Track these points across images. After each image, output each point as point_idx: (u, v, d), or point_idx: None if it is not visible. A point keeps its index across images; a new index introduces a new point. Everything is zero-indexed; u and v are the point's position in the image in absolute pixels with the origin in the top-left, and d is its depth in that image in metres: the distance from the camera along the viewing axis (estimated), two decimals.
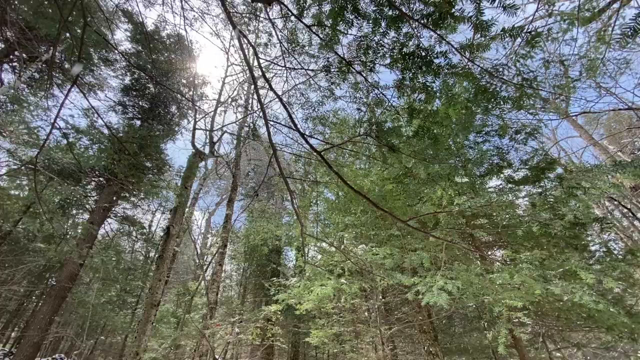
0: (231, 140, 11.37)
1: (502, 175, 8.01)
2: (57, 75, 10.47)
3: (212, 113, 6.81)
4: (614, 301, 6.49)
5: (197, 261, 7.50)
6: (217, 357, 5.49)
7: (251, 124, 7.43)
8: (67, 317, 17.54)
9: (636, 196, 11.63)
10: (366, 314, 7.73)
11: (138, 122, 13.73)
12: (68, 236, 14.58)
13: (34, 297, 15.39)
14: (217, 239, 9.83)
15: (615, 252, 7.96)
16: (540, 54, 3.62)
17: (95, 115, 12.83)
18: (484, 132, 6.92)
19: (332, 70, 3.08)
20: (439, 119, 2.94)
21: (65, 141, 11.63)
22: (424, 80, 2.73)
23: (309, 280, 5.35)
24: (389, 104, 3.04)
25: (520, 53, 2.60)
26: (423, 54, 2.62)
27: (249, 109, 8.73)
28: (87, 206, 13.31)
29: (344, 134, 5.00)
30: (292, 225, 7.95)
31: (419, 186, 3.81)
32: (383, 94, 3.01)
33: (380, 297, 8.12)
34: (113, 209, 13.49)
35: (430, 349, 7.26)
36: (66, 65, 10.56)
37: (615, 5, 4.55)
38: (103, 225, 13.16)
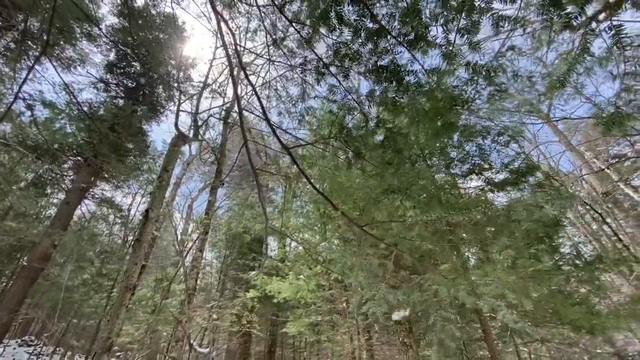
0: (217, 125, 11.15)
1: (482, 177, 8.21)
2: (33, 46, 9.92)
3: (197, 96, 6.62)
4: (579, 300, 6.82)
5: (177, 247, 7.41)
6: (192, 342, 5.47)
7: (224, 110, 7.25)
8: (38, 299, 17.03)
9: (607, 202, 12.22)
10: (344, 304, 7.86)
11: (121, 102, 13.23)
12: (41, 215, 14.04)
13: (3, 277, 14.85)
14: (199, 226, 9.71)
15: (585, 254, 8.34)
16: (513, 66, 3.73)
17: (75, 91, 12.28)
18: (467, 133, 7.06)
19: (310, 68, 3.11)
20: (403, 132, 3.05)
21: (44, 116, 11.11)
22: (393, 95, 2.85)
23: (288, 269, 5.40)
24: (360, 110, 3.12)
25: (493, 65, 2.70)
26: (396, 69, 2.73)
27: (227, 96, 8.56)
28: (63, 186, 12.83)
29: (316, 134, 5.01)
30: (275, 216, 7.95)
31: (378, 194, 3.90)
32: (355, 101, 3.08)
33: (359, 289, 8.27)
34: (91, 190, 13.06)
35: (405, 340, 7.48)
36: (45, 37, 10.02)
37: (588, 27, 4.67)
38: (80, 207, 12.74)
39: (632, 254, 8.68)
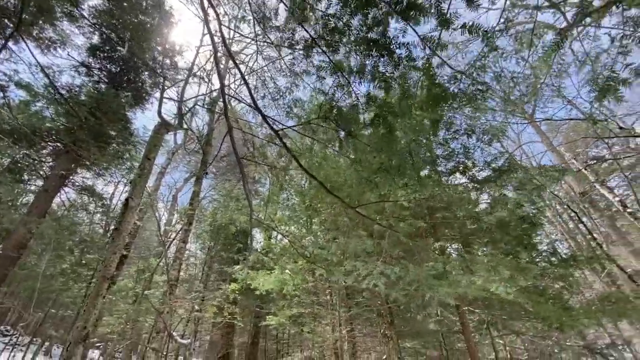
0: (203, 115, 10.93)
1: (466, 174, 8.37)
2: (10, 24, 9.43)
3: (182, 82, 6.45)
4: (552, 296, 7.09)
5: (160, 238, 7.28)
6: (173, 333, 5.43)
7: (210, 98, 7.07)
8: (14, 288, 16.50)
9: (583, 201, 12.68)
10: (328, 297, 7.94)
11: (104, 87, 12.76)
12: (18, 203, 13.54)
13: None
14: (183, 216, 9.57)
15: (560, 252, 8.64)
16: (498, 65, 3.78)
17: (56, 74, 11.76)
18: (453, 130, 7.16)
19: (298, 46, 3.03)
20: (394, 110, 3.01)
21: (19, 98, 10.63)
22: (384, 70, 2.78)
23: (273, 262, 5.40)
24: (350, 87, 3.04)
25: (476, 65, 2.71)
26: (387, 42, 2.65)
27: (214, 84, 8.37)
28: (41, 172, 12.38)
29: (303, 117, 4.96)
30: (261, 208, 7.90)
31: (370, 174, 3.92)
32: (345, 77, 3.01)
33: (343, 282, 8.37)
34: (71, 177, 12.64)
35: (386, 332, 7.63)
36: (24, 16, 9.54)
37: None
38: (59, 194, 12.33)
39: (604, 252, 9.06)
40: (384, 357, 7.42)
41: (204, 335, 16.97)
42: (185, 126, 7.77)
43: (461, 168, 8.24)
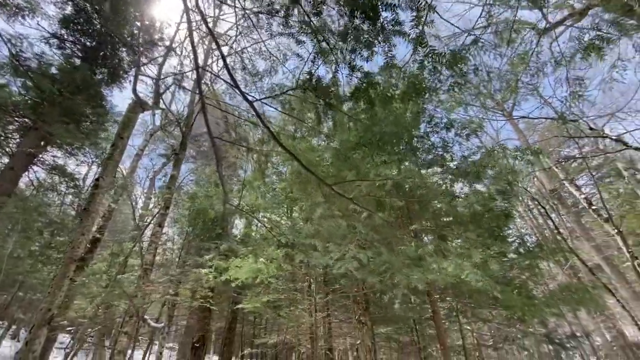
0: (184, 97, 10.57)
1: (444, 167, 8.58)
2: None
3: (160, 59, 6.17)
4: (518, 285, 7.46)
5: (135, 221, 7.07)
6: (145, 317, 5.36)
7: (181, 71, 6.78)
8: None
9: (553, 197, 13.31)
10: (305, 284, 8.04)
11: (78, 62, 12.04)
12: None
13: None
14: (159, 200, 9.35)
15: (528, 244, 9.06)
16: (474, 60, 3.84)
17: (24, 45, 10.99)
18: (433, 124, 7.29)
19: (279, 14, 2.89)
20: (376, 82, 2.97)
21: None
22: (367, 36, 2.71)
23: (248, 251, 5.38)
24: (331, 50, 2.95)
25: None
26: (372, 2, 2.55)
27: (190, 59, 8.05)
28: (7, 149, 11.69)
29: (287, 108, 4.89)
30: (240, 194, 7.79)
31: (348, 150, 3.93)
32: (326, 42, 2.92)
33: (320, 269, 8.48)
34: (40, 156, 12.01)
35: (361, 318, 7.83)
36: None
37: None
38: (27, 173, 11.71)
39: (568, 246, 9.59)
40: (358, 342, 7.64)
41: (180, 319, 16.88)
42: (163, 106, 7.49)
43: (439, 161, 8.44)
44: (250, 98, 2.08)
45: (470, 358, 9.63)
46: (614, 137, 5.80)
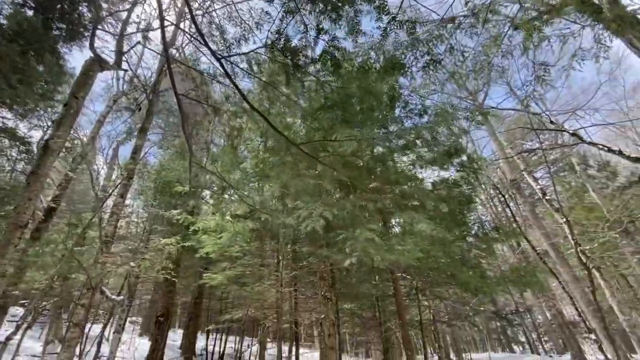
0: (153, 62, 9.85)
1: (415, 152, 8.80)
2: None
3: (123, 14, 5.64)
4: (473, 266, 7.98)
5: (94, 190, 6.64)
6: (104, 289, 5.20)
7: (147, 27, 6.28)
8: None
9: (512, 187, 14.17)
10: (274, 260, 8.10)
11: (30, 12, 10.78)
12: None
13: None
14: (123, 171, 8.88)
15: (487, 229, 9.63)
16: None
17: None
18: (408, 109, 7.39)
19: None
20: (342, 47, 2.94)
21: None
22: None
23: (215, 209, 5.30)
24: (298, 9, 2.87)
25: (434, 34, 2.73)
26: None
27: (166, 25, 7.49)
28: None
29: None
30: (215, 169, 7.56)
31: (314, 111, 3.93)
32: (295, 1, 2.82)
33: (289, 246, 8.58)
34: None
35: (326, 294, 8.07)
36: None
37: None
38: None
39: (522, 232, 10.30)
40: (322, 316, 7.90)
41: (145, 294, 16.58)
42: (126, 67, 6.95)
43: (411, 146, 8.64)
44: (217, 55, 1.95)
45: (425, 332, 10.35)
46: (571, 132, 6.19)
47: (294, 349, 9.92)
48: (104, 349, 9.06)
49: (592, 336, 9.20)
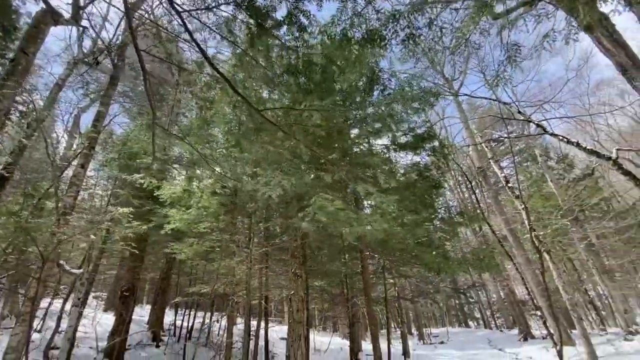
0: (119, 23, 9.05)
1: (390, 136, 8.92)
2: None
3: None
4: (437, 247, 8.39)
5: (50, 158, 6.16)
6: (61, 262, 4.96)
7: None
8: None
9: (479, 175, 14.86)
10: (244, 237, 8.07)
11: None
12: None
13: None
14: (84, 139, 8.33)
15: (452, 213, 10.08)
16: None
17: None
18: (386, 93, 7.40)
19: None
20: (307, 10, 2.87)
21: None
22: None
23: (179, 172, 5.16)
24: None
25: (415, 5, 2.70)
26: None
27: None
28: None
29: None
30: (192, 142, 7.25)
31: (278, 76, 3.87)
32: None
33: (262, 224, 8.57)
34: None
35: (297, 271, 8.21)
36: None
37: None
38: None
39: (484, 217, 10.90)
40: (292, 292, 8.06)
41: (109, 269, 16.08)
42: (86, 25, 6.37)
43: (386, 129, 8.74)
44: (177, 8, 1.81)
45: (389, 308, 10.92)
46: (536, 122, 6.50)
47: (262, 323, 10.13)
48: (64, 324, 8.78)
49: (538, 313, 10.11)
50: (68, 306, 11.68)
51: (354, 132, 9.64)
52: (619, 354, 11.08)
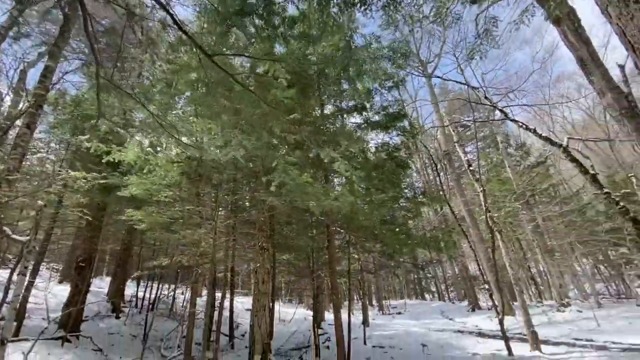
0: None
1: (363, 114, 8.94)
2: None
3: None
4: (400, 224, 8.77)
5: None
6: (5, 229, 4.59)
7: None
8: None
9: (445, 158, 15.49)
10: (208, 208, 7.89)
11: None
12: None
13: None
14: (30, 97, 7.55)
15: (417, 193, 10.45)
16: None
17: None
18: (361, 69, 7.31)
19: None
20: None
21: None
22: None
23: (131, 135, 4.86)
24: None
25: None
26: None
27: None
28: None
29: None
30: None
31: (230, 15, 3.71)
32: None
33: (228, 197, 8.42)
34: None
35: (263, 245, 8.25)
36: None
37: None
38: None
39: (446, 199, 11.47)
40: (258, 265, 8.14)
41: (64, 238, 15.23)
42: None
43: (359, 108, 8.75)
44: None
45: (352, 281, 11.43)
46: (499, 108, 6.80)
47: (228, 294, 10.21)
48: (11, 294, 8.29)
49: (486, 286, 11.08)
50: (16, 277, 10.99)
51: (329, 108, 9.55)
52: (551, 323, 12.59)
